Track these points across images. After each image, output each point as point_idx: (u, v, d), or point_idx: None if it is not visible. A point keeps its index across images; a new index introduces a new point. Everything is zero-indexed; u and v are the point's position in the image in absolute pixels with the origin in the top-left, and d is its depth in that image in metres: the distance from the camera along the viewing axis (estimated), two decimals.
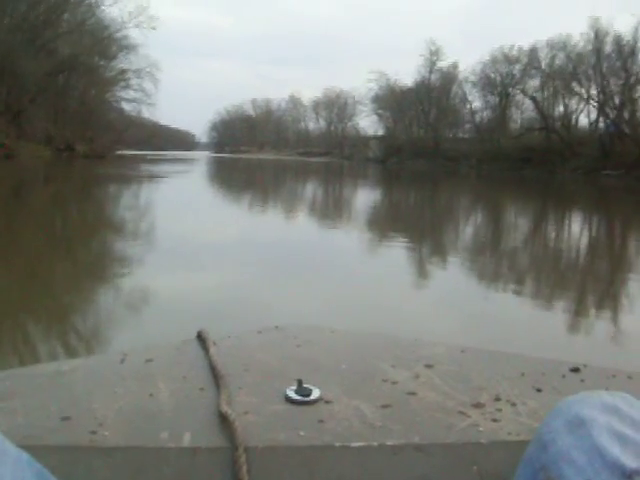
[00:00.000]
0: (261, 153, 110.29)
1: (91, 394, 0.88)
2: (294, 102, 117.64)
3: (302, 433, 0.78)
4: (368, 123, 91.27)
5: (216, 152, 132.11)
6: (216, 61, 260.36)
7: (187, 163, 49.25)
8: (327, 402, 0.87)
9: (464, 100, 62.77)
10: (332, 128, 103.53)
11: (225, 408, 0.81)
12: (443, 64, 65.71)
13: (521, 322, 4.85)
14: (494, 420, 0.83)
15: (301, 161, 75.36)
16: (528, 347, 3.61)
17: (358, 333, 1.27)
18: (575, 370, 1.02)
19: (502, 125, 56.38)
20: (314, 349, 1.11)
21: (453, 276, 7.06)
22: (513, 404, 0.88)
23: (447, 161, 58.98)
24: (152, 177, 25.43)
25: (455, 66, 63.86)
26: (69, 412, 0.82)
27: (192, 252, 7.42)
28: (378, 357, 1.07)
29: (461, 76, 62.80)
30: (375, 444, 0.76)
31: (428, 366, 1.03)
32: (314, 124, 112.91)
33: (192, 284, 5.65)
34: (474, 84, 59.89)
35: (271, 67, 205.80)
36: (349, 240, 9.70)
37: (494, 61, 56.83)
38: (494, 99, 58.10)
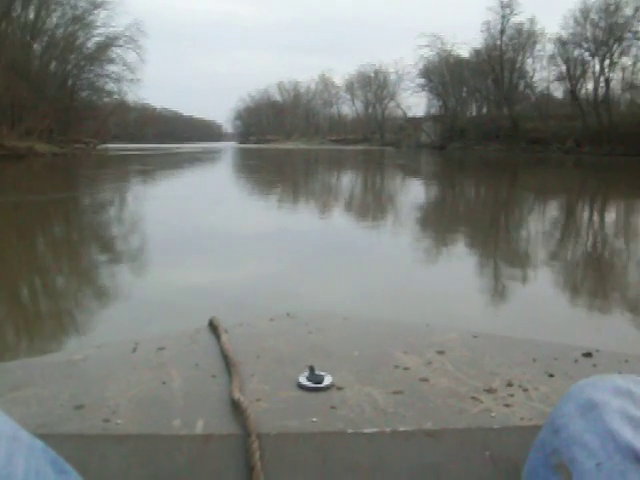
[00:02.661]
0: (289, 142, 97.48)
1: (104, 382, 0.89)
2: (325, 83, 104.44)
3: (314, 420, 0.78)
4: (414, 102, 77.41)
5: (241, 142, 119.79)
6: (242, 51, 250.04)
7: (195, 162, 37.79)
8: (339, 389, 0.87)
9: (549, 65, 48.54)
10: (369, 111, 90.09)
11: (237, 395, 0.81)
12: (517, 19, 51.34)
13: None
14: (506, 405, 0.83)
15: (335, 150, 62.59)
16: None
17: (370, 320, 1.24)
18: (587, 355, 1.01)
19: (607, 95, 42.22)
20: (326, 336, 1.10)
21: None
22: (525, 389, 0.88)
23: (530, 144, 45.23)
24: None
25: (533, 21, 49.86)
26: (82, 400, 0.83)
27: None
28: (390, 344, 1.06)
29: (540, 34, 48.57)
30: (387, 430, 0.76)
31: (440, 352, 1.02)
32: (348, 107, 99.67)
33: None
34: (562, 43, 45.76)
35: (298, 55, 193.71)
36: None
37: (593, 10, 42.61)
38: (593, 62, 43.86)
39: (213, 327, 1.12)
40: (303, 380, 0.88)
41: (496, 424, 0.78)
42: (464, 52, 57.47)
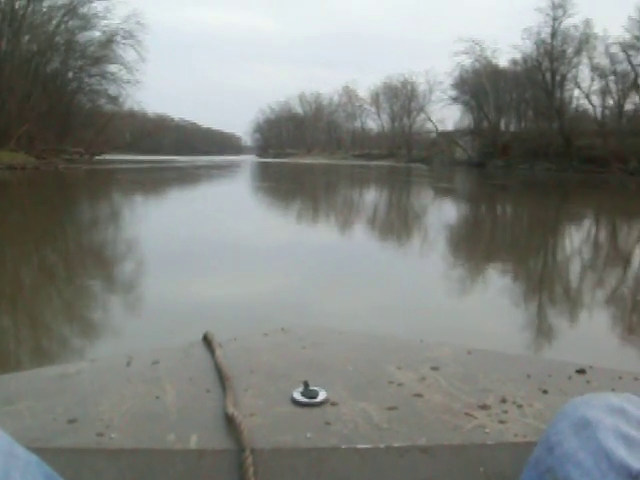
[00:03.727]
0: (310, 156, 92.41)
1: (98, 396, 0.89)
2: (348, 95, 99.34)
3: (309, 435, 0.78)
4: (446, 115, 71.80)
5: (259, 155, 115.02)
6: (264, 65, 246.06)
7: (200, 183, 32.87)
8: (333, 404, 0.87)
9: (606, 74, 42.68)
10: (396, 124, 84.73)
11: (231, 410, 0.81)
12: (571, 22, 45.47)
13: None
14: (500, 422, 0.83)
15: (359, 166, 57.24)
16: None
17: (364, 335, 1.25)
18: (581, 371, 1.02)
19: None
20: (320, 351, 1.10)
21: None
22: (519, 405, 0.88)
23: (584, 163, 39.41)
24: None
25: (588, 24, 44.07)
26: (76, 414, 0.82)
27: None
28: (384, 359, 1.07)
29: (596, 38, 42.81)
30: (381, 446, 0.76)
31: (434, 368, 1.02)
32: (373, 121, 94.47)
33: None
34: (626, 47, 39.96)
35: (320, 70, 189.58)
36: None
37: None
38: None
39: (207, 341, 1.12)
40: (297, 395, 0.88)
41: (490, 440, 0.78)
42: (501, 61, 51.97)
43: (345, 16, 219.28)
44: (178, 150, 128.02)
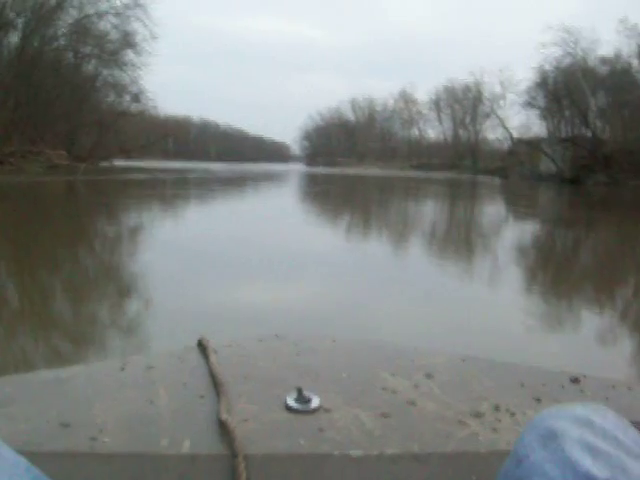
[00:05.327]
0: (362, 166, 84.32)
1: (91, 401, 0.88)
2: (405, 100, 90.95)
3: (302, 441, 0.79)
4: (520, 121, 62.63)
5: (307, 164, 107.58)
6: (313, 73, 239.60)
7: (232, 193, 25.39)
8: (327, 410, 0.88)
9: None
10: (460, 131, 75.94)
11: (225, 416, 0.82)
12: None
13: None
14: (493, 430, 0.84)
15: (419, 179, 48.70)
16: None
17: (358, 342, 1.24)
18: (575, 381, 1.02)
19: None
20: (314, 357, 1.11)
21: None
22: (513, 414, 0.89)
23: None
24: None
25: None
26: (69, 418, 0.82)
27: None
28: (378, 366, 1.07)
29: None
30: (374, 453, 0.77)
31: (428, 375, 1.03)
32: (431, 128, 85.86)
33: None
34: None
35: (372, 78, 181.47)
36: None
37: None
38: None
39: (202, 347, 1.11)
40: (291, 401, 0.88)
41: (483, 448, 0.79)
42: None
43: (398, 24, 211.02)
44: (224, 157, 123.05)
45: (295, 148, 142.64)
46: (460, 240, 11.65)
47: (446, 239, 11.75)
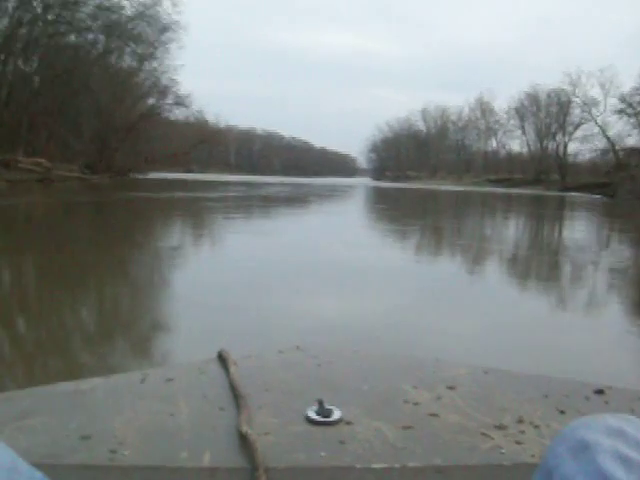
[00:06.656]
0: (434, 180, 78.15)
1: (111, 413, 0.88)
2: (482, 109, 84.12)
3: (323, 454, 0.78)
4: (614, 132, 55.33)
5: (375, 178, 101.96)
6: (381, 88, 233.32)
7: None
8: (348, 423, 0.87)
9: None
10: (545, 143, 68.60)
11: (245, 428, 0.81)
12: None
13: None
14: (517, 442, 0.83)
15: (505, 195, 42.44)
16: None
17: (379, 354, 1.24)
18: (599, 392, 1.01)
19: None
20: (335, 369, 1.10)
21: None
22: (536, 426, 0.88)
23: None
24: None
25: None
26: (89, 431, 0.82)
27: None
28: (399, 378, 1.06)
29: None
30: (396, 466, 0.76)
31: (450, 387, 1.02)
32: (512, 140, 78.67)
33: None
34: None
35: (441, 92, 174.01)
36: None
37: None
38: None
39: (222, 359, 1.11)
40: (312, 414, 0.88)
41: (506, 461, 0.78)
42: None
43: (469, 37, 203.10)
44: (288, 170, 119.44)
45: (361, 160, 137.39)
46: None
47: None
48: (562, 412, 0.92)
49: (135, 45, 37.49)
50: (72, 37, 34.64)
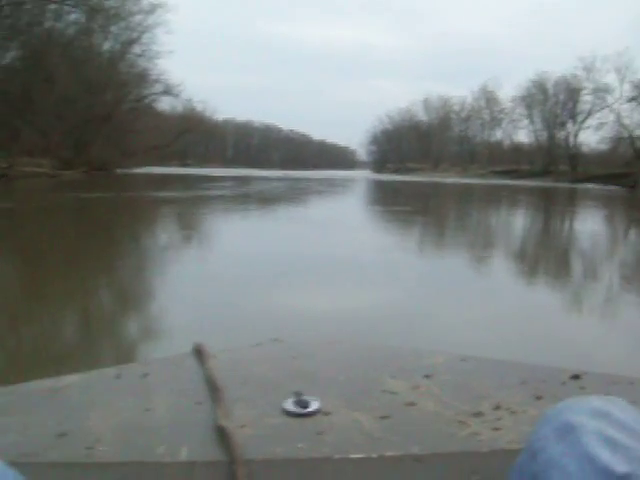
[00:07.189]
0: (437, 172, 75.18)
1: (87, 410, 0.88)
2: (486, 98, 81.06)
3: (301, 445, 0.78)
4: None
5: (375, 171, 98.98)
6: (379, 79, 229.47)
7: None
8: (326, 414, 0.87)
9: None
10: (555, 131, 65.54)
11: (222, 421, 0.81)
12: None
13: None
14: (495, 429, 0.83)
15: (510, 187, 39.75)
16: None
17: (356, 344, 1.24)
18: (575, 377, 1.02)
19: None
20: (312, 361, 1.10)
21: None
22: (513, 412, 0.89)
23: None
24: None
25: None
26: (65, 428, 0.82)
27: None
28: (377, 368, 1.06)
29: None
30: (374, 455, 0.77)
31: (427, 376, 1.02)
32: (516, 129, 75.60)
33: None
34: None
35: (439, 85, 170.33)
36: None
37: None
38: None
39: (198, 353, 1.10)
40: (289, 406, 0.88)
41: (484, 448, 0.78)
42: None
43: (469, 29, 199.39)
44: (286, 164, 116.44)
45: (361, 153, 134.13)
46: None
47: None
48: (539, 398, 0.93)
49: (117, 27, 34.53)
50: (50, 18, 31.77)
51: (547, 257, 10.13)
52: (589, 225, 15.90)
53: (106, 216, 14.54)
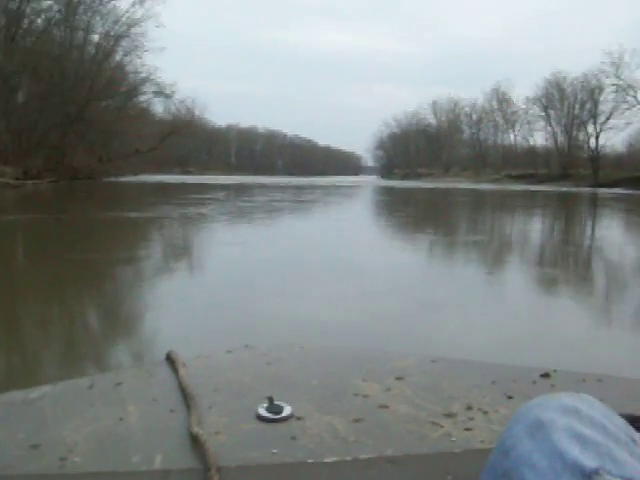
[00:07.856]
0: (448, 177, 71.64)
1: (60, 421, 0.87)
2: (499, 100, 77.46)
3: (275, 451, 0.79)
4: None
5: (383, 176, 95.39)
6: (385, 85, 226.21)
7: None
8: (299, 419, 0.88)
9: None
10: (574, 133, 61.88)
11: (196, 429, 0.81)
12: None
13: None
14: (467, 429, 0.85)
15: (521, 192, 35.95)
16: None
17: (328, 348, 1.25)
18: (545, 376, 1.04)
19: None
20: (284, 366, 1.11)
21: None
22: (485, 412, 0.90)
23: None
24: None
25: None
26: (38, 440, 0.81)
27: None
28: (348, 371, 1.07)
29: None
30: (348, 459, 0.77)
31: (399, 378, 1.03)
32: (530, 132, 71.94)
33: None
34: None
35: (449, 88, 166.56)
36: None
37: None
38: None
39: (171, 361, 1.10)
40: (262, 411, 0.88)
41: (457, 448, 0.79)
42: None
43: (475, 32, 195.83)
44: (290, 170, 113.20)
45: (367, 158, 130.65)
46: None
47: None
48: (510, 397, 0.94)
49: (103, 20, 31.26)
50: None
51: None
52: None
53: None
